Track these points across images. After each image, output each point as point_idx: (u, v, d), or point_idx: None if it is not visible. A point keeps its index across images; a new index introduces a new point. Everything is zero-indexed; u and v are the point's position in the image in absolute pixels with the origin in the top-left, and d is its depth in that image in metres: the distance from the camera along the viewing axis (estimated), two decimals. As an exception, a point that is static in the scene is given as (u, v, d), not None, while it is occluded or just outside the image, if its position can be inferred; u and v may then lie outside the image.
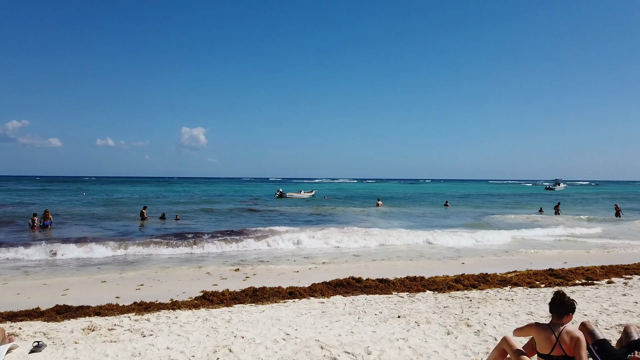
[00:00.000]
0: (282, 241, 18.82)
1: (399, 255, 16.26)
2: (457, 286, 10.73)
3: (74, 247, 16.11)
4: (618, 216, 32.01)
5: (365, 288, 10.76)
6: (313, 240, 19.15)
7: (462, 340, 6.11)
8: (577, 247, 18.69)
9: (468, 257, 15.79)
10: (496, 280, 11.32)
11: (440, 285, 10.75)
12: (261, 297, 9.73)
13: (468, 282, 11.11)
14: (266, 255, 16.28)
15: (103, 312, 8.63)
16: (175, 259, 15.46)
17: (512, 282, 11.12)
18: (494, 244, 19.70)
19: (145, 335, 6.47)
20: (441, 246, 18.85)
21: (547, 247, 18.55)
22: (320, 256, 15.94)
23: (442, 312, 7.54)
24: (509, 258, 15.77)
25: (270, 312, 7.81)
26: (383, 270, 13.00)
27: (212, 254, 16.70)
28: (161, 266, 13.91)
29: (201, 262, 14.83)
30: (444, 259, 15.65)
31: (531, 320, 7.00)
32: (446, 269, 13.24)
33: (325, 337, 6.23)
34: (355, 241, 19.26)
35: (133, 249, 16.63)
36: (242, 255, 16.41)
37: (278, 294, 10.00)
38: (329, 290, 10.56)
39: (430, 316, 7.25)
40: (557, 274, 12.02)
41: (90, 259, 15.29)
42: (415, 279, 11.51)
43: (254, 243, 18.40)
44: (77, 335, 6.53)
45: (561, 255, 16.31)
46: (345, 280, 11.22)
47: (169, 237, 20.22)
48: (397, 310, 7.61)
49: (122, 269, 13.61)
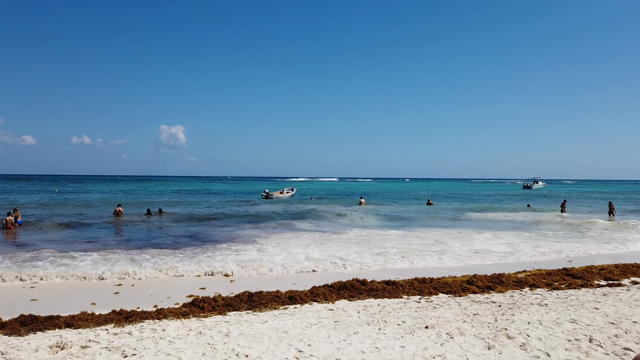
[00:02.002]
0: (271, 246, 17.70)
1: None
2: (472, 288, 9.83)
3: (44, 246, 14.67)
4: (612, 214, 31.51)
5: (371, 291, 9.77)
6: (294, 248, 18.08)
7: (508, 357, 5.16)
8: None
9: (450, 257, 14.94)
10: (511, 281, 10.47)
11: (454, 288, 9.83)
12: (258, 303, 8.63)
13: (482, 283, 10.22)
14: (253, 257, 15.15)
15: (76, 323, 7.41)
16: (156, 259, 14.20)
17: (528, 284, 10.28)
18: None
19: (127, 355, 5.31)
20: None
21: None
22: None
23: (473, 320, 6.58)
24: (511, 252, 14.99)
25: (274, 322, 6.72)
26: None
27: (195, 254, 15.47)
28: (140, 266, 12.65)
29: (185, 262, 13.61)
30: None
31: (585, 333, 6.09)
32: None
33: (346, 356, 5.19)
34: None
35: (108, 249, 15.27)
36: (226, 256, 15.23)
37: (277, 299, 8.92)
38: (332, 294, 9.53)
39: (461, 326, 6.27)
40: (574, 274, 11.24)
41: (62, 258, 13.89)
42: (425, 280, 10.57)
43: (236, 245, 17.23)
44: (42, 356, 5.33)
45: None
46: (349, 282, 10.20)
47: (148, 236, 18.89)
48: (421, 319, 6.60)
49: (97, 269, 12.29)
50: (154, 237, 18.96)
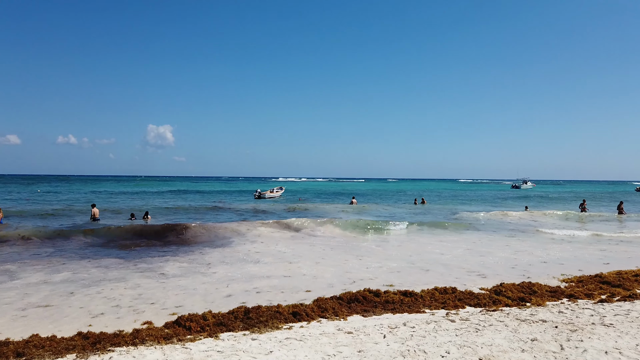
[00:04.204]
0: (265, 250, 16.26)
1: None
2: (502, 299, 8.51)
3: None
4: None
5: (387, 304, 8.39)
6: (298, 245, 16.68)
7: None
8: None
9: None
10: (544, 291, 9.17)
11: (482, 300, 8.50)
12: (256, 321, 7.19)
13: (512, 294, 8.90)
14: (243, 262, 13.69)
15: (29, 352, 5.91)
16: (129, 263, 12.65)
17: (565, 294, 9.00)
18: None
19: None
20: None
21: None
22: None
23: (533, 349, 5.22)
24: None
25: (281, 352, 5.28)
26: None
27: (180, 258, 13.96)
28: (112, 274, 11.11)
29: (167, 266, 12.09)
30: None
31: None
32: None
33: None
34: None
35: (76, 252, 13.68)
36: (215, 259, 13.75)
37: (278, 316, 7.49)
38: (342, 307, 8.13)
39: (524, 358, 4.91)
40: (610, 282, 9.99)
41: (25, 263, 12.27)
42: (447, 290, 9.21)
43: (226, 249, 15.77)
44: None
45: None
46: (360, 293, 8.80)
47: (124, 238, 17.31)
48: (470, 349, 5.21)
49: (61, 276, 10.72)
50: (123, 240, 17.34)
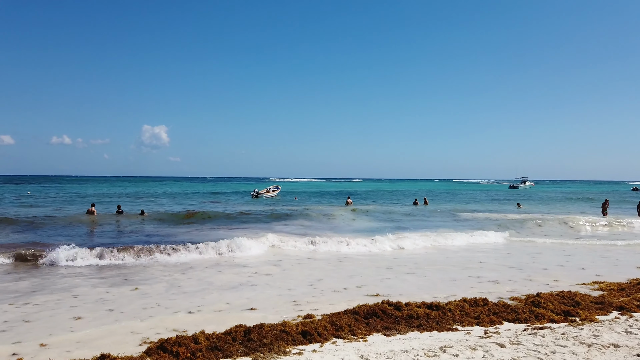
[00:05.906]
0: (262, 254, 15.06)
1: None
2: (544, 313, 7.32)
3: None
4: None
5: (410, 319, 7.18)
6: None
7: None
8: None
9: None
10: (589, 302, 8.00)
11: (522, 314, 7.30)
12: (259, 344, 5.96)
13: (553, 305, 7.72)
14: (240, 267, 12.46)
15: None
16: (105, 274, 11.40)
17: (614, 306, 7.82)
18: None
19: None
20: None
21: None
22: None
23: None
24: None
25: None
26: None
27: (167, 264, 12.71)
28: (85, 286, 9.86)
29: (148, 278, 10.84)
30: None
31: None
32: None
33: None
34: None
35: (54, 257, 12.40)
36: (198, 263, 12.51)
37: (285, 336, 6.25)
38: (360, 324, 6.91)
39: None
40: (659, 290, 8.85)
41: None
42: (477, 302, 8.00)
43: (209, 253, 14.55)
44: None
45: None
46: (378, 307, 7.58)
47: (110, 242, 16.02)
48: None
49: (37, 286, 9.45)
50: (109, 245, 16.07)
